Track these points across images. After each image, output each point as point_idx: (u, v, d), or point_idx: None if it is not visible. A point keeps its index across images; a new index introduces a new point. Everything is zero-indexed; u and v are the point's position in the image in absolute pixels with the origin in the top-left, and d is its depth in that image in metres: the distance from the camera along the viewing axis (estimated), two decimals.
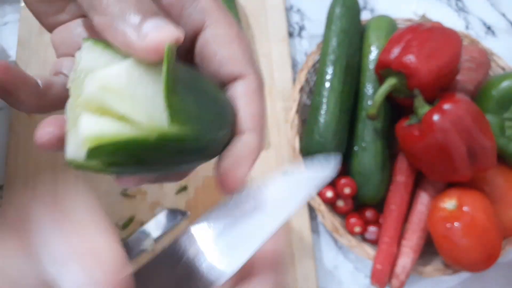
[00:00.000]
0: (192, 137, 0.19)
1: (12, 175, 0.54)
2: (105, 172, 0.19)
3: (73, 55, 0.23)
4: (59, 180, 0.55)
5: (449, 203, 0.50)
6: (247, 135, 0.23)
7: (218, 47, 0.23)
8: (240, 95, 0.23)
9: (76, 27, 0.25)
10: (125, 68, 0.19)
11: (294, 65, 0.67)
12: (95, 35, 0.21)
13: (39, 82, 0.24)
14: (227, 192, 0.22)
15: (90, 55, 0.20)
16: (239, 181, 0.22)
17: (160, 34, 0.19)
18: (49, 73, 0.26)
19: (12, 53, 0.61)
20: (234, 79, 0.23)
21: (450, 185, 0.53)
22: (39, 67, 0.60)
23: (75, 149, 0.18)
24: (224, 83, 0.24)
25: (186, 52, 0.25)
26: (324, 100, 0.56)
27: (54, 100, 0.24)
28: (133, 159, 0.18)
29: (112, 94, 0.18)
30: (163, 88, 0.17)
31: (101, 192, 0.53)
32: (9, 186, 0.53)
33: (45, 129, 0.23)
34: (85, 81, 0.19)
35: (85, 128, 0.17)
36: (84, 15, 0.25)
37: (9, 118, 0.57)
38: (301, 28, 0.71)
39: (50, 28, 0.26)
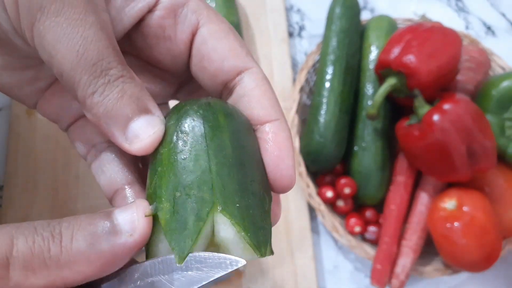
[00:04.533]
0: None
1: (12, 175, 0.54)
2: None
3: (77, 119, 0.25)
4: (59, 180, 0.55)
5: (449, 203, 0.50)
6: (277, 123, 0.22)
7: (217, 42, 0.23)
8: (252, 87, 0.23)
9: (65, 92, 0.24)
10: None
11: (294, 65, 0.67)
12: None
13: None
14: (282, 189, 0.22)
15: None
16: (290, 172, 0.22)
17: (147, 136, 0.20)
18: (80, 151, 0.26)
19: None
20: (238, 73, 0.23)
21: (450, 185, 0.53)
22: None
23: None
24: (228, 79, 0.23)
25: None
26: (324, 100, 0.56)
27: None
28: None
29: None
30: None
31: (102, 193, 0.53)
32: (9, 186, 0.53)
33: None
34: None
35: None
36: None
37: (9, 118, 0.57)
38: (301, 28, 0.71)
39: (32, 100, 0.25)
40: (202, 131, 0.20)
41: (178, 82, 0.27)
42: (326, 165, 0.56)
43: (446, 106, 0.48)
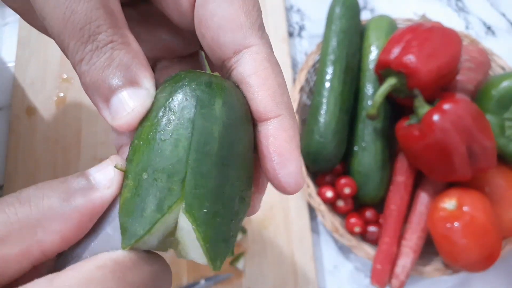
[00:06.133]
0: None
1: (12, 175, 0.54)
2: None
3: None
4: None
5: (449, 203, 0.50)
6: (276, 121, 0.19)
7: (217, 5, 0.19)
8: (250, 72, 0.19)
9: None
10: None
11: (294, 65, 0.67)
12: None
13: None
14: (286, 192, 0.19)
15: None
16: (295, 178, 0.19)
17: (130, 110, 0.18)
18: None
19: (12, 54, 0.61)
20: (236, 50, 0.19)
21: (450, 185, 0.53)
22: (39, 67, 0.60)
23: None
24: (224, 57, 0.19)
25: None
26: (324, 100, 0.56)
27: None
28: None
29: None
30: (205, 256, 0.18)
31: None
32: (9, 186, 0.53)
33: None
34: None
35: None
36: None
37: (9, 118, 0.57)
38: (301, 28, 0.71)
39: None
40: (191, 116, 0.18)
41: (188, 49, 0.24)
42: (326, 165, 0.56)
43: (446, 106, 0.48)
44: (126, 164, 0.18)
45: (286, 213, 0.57)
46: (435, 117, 0.47)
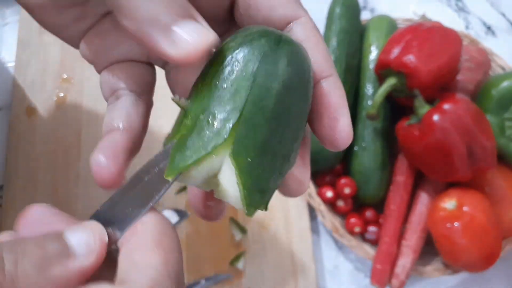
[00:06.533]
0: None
1: (12, 175, 0.54)
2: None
3: (112, 63, 0.23)
4: (59, 180, 0.55)
5: (449, 203, 0.50)
6: (330, 80, 0.21)
7: None
8: (302, 38, 0.21)
9: (106, 33, 0.23)
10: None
11: None
12: (129, 35, 0.19)
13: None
14: (339, 148, 0.21)
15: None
16: (347, 131, 0.21)
17: (193, 40, 0.18)
18: (104, 94, 0.24)
19: (12, 54, 0.61)
20: (287, 23, 0.21)
21: (450, 185, 0.53)
22: (39, 67, 0.60)
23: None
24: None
25: (229, 7, 0.22)
26: None
27: None
28: None
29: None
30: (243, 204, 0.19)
31: (102, 193, 0.53)
32: (9, 186, 0.53)
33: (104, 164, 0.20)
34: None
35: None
36: (109, 11, 0.23)
37: (9, 118, 0.57)
38: None
39: (76, 41, 0.24)
40: (254, 70, 0.19)
41: (217, 31, 0.26)
42: (326, 165, 0.56)
43: (446, 106, 0.48)
44: (185, 106, 0.19)
45: (286, 213, 0.57)
46: (435, 117, 0.47)
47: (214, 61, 0.19)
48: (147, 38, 0.18)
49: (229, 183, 0.19)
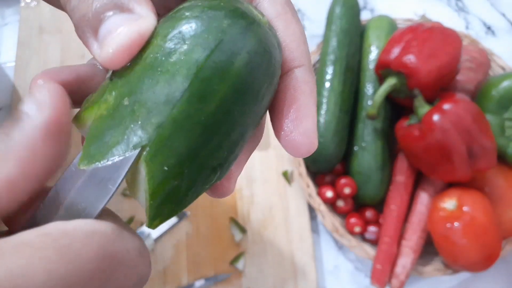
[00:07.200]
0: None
1: None
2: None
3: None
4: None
5: (449, 203, 0.50)
6: (298, 72, 0.17)
7: None
8: (273, 15, 0.17)
9: None
10: None
11: None
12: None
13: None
14: (299, 154, 0.17)
15: None
16: (312, 136, 0.17)
17: (116, 38, 0.15)
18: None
19: (12, 54, 0.61)
20: None
21: (450, 185, 0.53)
22: (39, 67, 0.60)
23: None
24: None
25: None
26: (324, 100, 0.56)
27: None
28: None
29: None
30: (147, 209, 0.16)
31: None
32: None
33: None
34: None
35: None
36: None
37: None
38: None
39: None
40: (200, 60, 0.15)
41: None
42: (326, 165, 0.56)
43: (446, 106, 0.48)
44: (112, 76, 0.16)
45: (286, 213, 0.57)
46: (435, 117, 0.47)
47: (162, 24, 0.16)
48: (85, 42, 0.16)
49: (141, 184, 0.16)
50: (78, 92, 0.17)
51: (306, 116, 0.17)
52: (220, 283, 0.53)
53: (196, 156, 0.15)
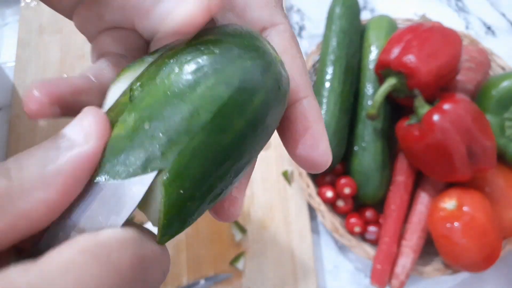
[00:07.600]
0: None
1: None
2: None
3: (101, 33, 0.22)
4: None
5: (449, 203, 0.50)
6: (306, 102, 0.19)
7: None
8: (280, 50, 0.19)
9: (93, 3, 0.22)
10: None
11: None
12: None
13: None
14: (319, 171, 0.20)
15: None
16: (328, 155, 0.19)
17: (182, 11, 0.16)
18: (93, 61, 0.23)
19: (12, 54, 0.61)
20: (263, 28, 0.19)
21: (450, 185, 0.53)
22: (39, 67, 0.60)
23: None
24: None
25: None
26: (324, 100, 0.56)
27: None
28: None
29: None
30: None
31: None
32: None
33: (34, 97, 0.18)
34: None
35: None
36: None
37: (9, 118, 0.57)
38: (301, 28, 0.71)
39: (69, 14, 0.23)
40: (224, 97, 0.16)
41: None
42: None
43: (446, 106, 0.48)
44: (132, 98, 0.17)
45: (286, 213, 0.57)
46: (435, 117, 0.47)
47: (185, 51, 0.17)
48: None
49: (153, 203, 0.17)
50: (73, 104, 0.18)
51: (321, 140, 0.19)
52: (220, 283, 0.53)
53: (207, 180, 0.17)
